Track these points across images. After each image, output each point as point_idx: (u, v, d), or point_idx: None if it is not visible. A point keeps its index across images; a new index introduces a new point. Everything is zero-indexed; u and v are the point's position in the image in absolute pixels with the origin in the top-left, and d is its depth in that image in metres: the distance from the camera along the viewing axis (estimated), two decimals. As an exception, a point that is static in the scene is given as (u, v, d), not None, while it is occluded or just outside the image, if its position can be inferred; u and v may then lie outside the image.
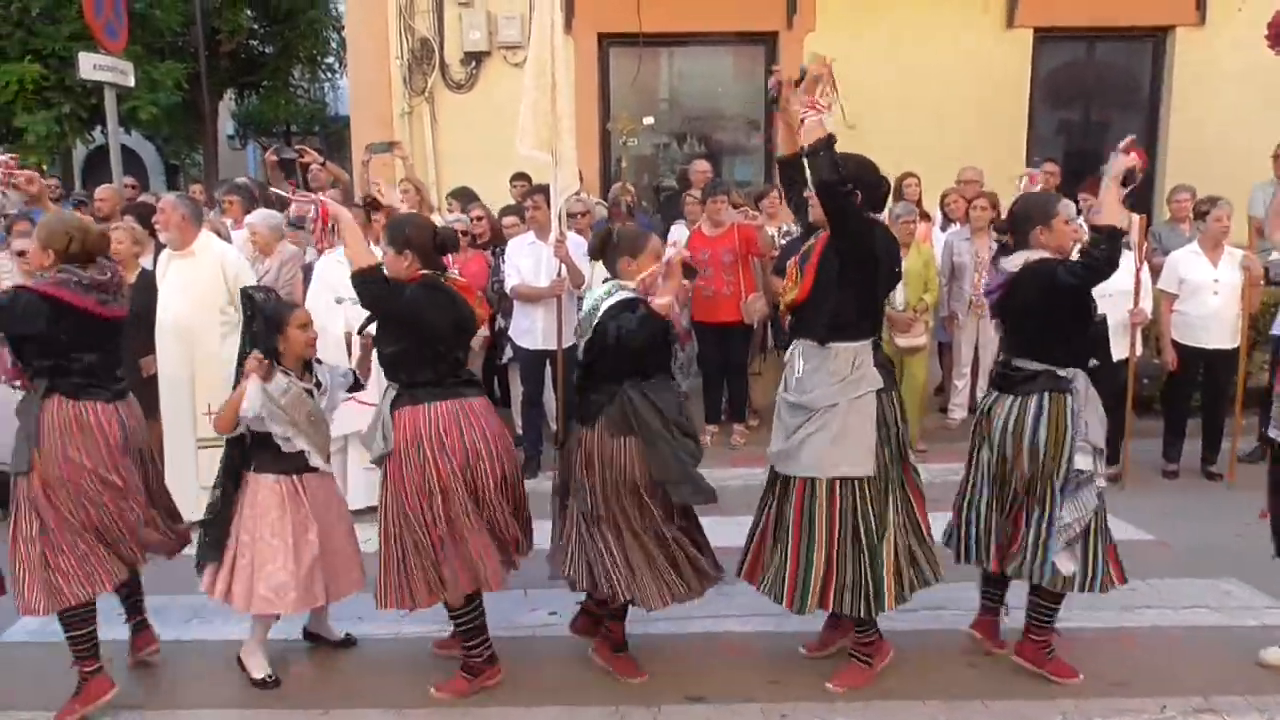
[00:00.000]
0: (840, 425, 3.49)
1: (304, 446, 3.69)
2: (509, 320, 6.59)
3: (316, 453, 3.75)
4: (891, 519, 3.55)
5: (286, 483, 3.71)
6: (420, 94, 9.24)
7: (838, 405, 3.49)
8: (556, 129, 5.74)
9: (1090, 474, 3.57)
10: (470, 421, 3.58)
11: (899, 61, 9.04)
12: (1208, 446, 6.34)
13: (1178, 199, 7.18)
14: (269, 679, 3.82)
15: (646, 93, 9.66)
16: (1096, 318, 3.71)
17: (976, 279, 6.93)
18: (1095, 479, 3.60)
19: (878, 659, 3.74)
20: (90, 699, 3.59)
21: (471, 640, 3.73)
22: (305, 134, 19.11)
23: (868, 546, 3.50)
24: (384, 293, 3.51)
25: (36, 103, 11.82)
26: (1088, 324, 3.65)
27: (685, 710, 3.61)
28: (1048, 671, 3.76)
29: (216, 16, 14.57)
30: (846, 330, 3.53)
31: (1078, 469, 3.55)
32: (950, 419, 7.27)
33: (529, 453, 6.47)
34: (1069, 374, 3.58)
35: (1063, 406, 3.55)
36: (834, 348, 3.53)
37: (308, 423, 3.68)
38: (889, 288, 3.82)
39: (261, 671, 3.83)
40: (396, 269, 3.59)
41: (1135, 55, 9.71)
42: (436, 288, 3.60)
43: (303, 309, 3.76)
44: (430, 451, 3.52)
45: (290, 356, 3.69)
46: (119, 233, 5.46)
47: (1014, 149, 9.20)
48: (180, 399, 5.42)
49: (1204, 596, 4.47)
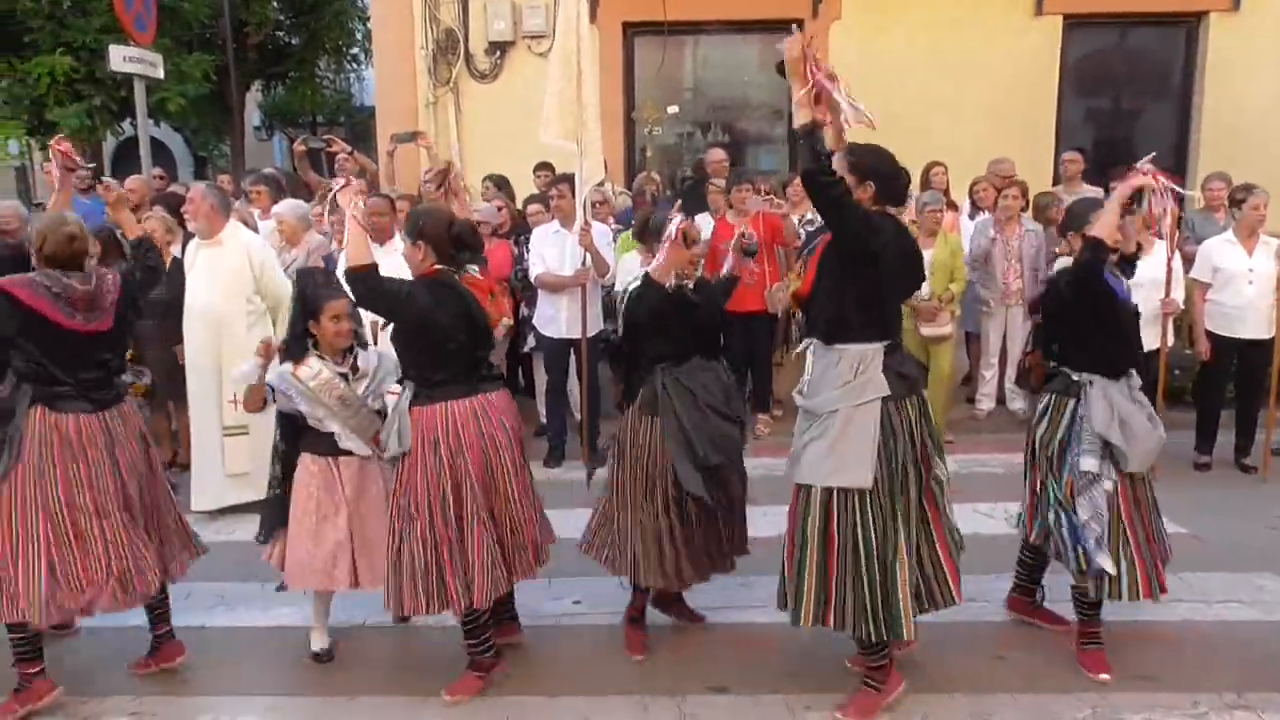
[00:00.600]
0: (839, 432, 3.29)
1: (335, 429, 3.73)
2: (533, 309, 6.59)
3: (350, 436, 3.76)
4: (901, 537, 3.30)
5: (322, 463, 3.79)
6: (445, 84, 9.25)
7: (839, 411, 3.30)
8: (581, 118, 5.73)
9: (1095, 475, 3.58)
10: (488, 414, 3.57)
11: (926, 49, 8.93)
12: (1241, 438, 6.24)
13: (1212, 187, 7.06)
14: (320, 654, 3.93)
15: (671, 82, 9.61)
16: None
17: (1005, 268, 6.88)
18: (1102, 481, 3.58)
19: (889, 687, 3.50)
20: (30, 699, 3.55)
21: (474, 638, 3.67)
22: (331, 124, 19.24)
23: (872, 565, 3.27)
24: (370, 289, 3.46)
25: (68, 95, 11.95)
26: (1108, 332, 3.65)
27: (709, 701, 3.60)
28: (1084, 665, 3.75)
29: (244, 8, 14.66)
30: (850, 331, 3.33)
31: (1083, 470, 3.59)
32: (978, 409, 7.20)
33: (553, 442, 6.48)
34: (1082, 378, 3.65)
35: (1063, 409, 3.68)
36: (839, 349, 3.34)
37: (340, 405, 3.71)
38: (905, 288, 3.58)
39: (316, 645, 3.96)
40: (413, 260, 3.60)
41: (1167, 42, 9.53)
42: (444, 285, 3.55)
43: (343, 300, 3.70)
44: (446, 453, 3.48)
45: (324, 343, 3.73)
46: (152, 221, 5.51)
47: (1043, 138, 9.08)
48: (207, 387, 5.47)
49: (1237, 591, 4.40)
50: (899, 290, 3.49)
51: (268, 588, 4.52)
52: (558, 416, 6.57)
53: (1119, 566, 3.58)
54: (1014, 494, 4.22)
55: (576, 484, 6.03)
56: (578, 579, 4.49)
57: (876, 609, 3.29)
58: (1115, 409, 3.58)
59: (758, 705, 3.56)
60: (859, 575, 3.28)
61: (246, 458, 5.46)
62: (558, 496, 5.65)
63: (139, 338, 6.04)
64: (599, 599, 4.34)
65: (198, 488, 5.55)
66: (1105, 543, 3.57)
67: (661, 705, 3.57)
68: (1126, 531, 3.60)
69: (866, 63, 8.26)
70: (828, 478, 3.30)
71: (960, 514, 5.31)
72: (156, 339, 5.96)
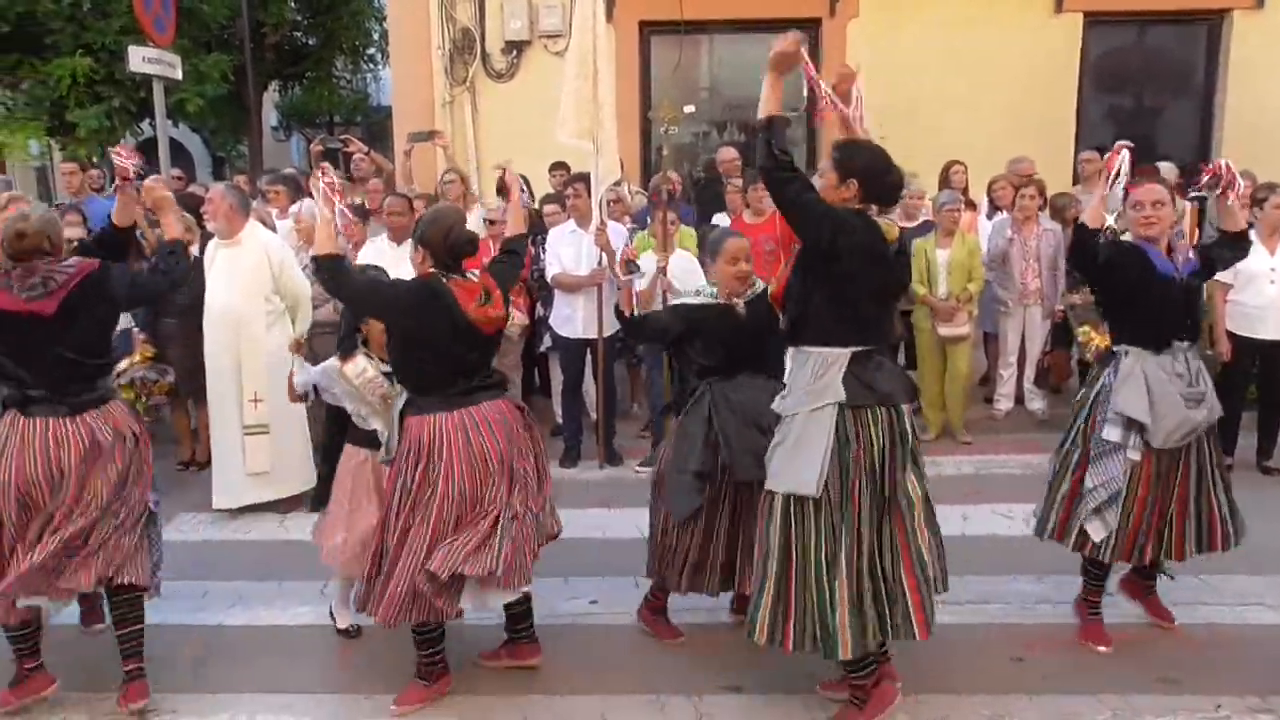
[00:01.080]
0: (795, 438, 3.18)
1: (376, 426, 3.81)
2: (549, 309, 6.60)
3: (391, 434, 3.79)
4: (843, 551, 3.13)
5: (361, 455, 3.91)
6: (461, 84, 9.27)
7: (797, 416, 3.20)
8: (598, 117, 5.73)
9: (1115, 445, 3.71)
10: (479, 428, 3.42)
11: (944, 47, 8.89)
12: (1263, 440, 6.18)
13: (1234, 186, 6.99)
14: (349, 630, 4.07)
15: (687, 81, 9.60)
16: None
17: (1024, 268, 6.84)
18: (1123, 451, 3.70)
19: (874, 705, 3.31)
20: (26, 693, 3.58)
21: (425, 649, 3.58)
22: (348, 124, 19.29)
23: (818, 577, 3.13)
24: (333, 277, 3.47)
25: (88, 97, 12.04)
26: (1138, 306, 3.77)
27: (725, 700, 3.59)
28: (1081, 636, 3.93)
29: (261, 9, 14.72)
30: (815, 333, 3.21)
31: (1104, 438, 3.73)
32: (996, 409, 7.16)
33: (568, 442, 6.48)
34: (1120, 350, 3.82)
35: (1099, 378, 3.86)
36: (806, 351, 3.23)
37: (381, 404, 3.79)
38: (881, 291, 3.28)
39: (342, 623, 4.09)
40: (414, 262, 3.57)
41: (1189, 40, 9.46)
42: (428, 288, 3.43)
43: None
44: (425, 466, 3.37)
45: (373, 342, 3.81)
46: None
47: (1062, 136, 9.03)
48: (227, 386, 5.50)
49: (1260, 593, 4.36)
50: (872, 293, 3.22)
51: (285, 586, 4.56)
52: (573, 417, 6.57)
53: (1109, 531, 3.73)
54: (1032, 495, 4.19)
55: (591, 484, 6.06)
56: (594, 579, 4.49)
57: (815, 625, 3.15)
58: (1146, 381, 3.66)
59: (773, 704, 3.55)
60: (807, 586, 3.15)
61: (266, 457, 5.48)
62: (572, 496, 5.67)
63: (160, 336, 6.11)
64: (615, 599, 4.34)
65: (218, 486, 5.57)
66: (1106, 509, 3.71)
67: (677, 704, 3.56)
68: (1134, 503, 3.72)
69: (883, 61, 8.22)
70: (780, 483, 3.20)
71: (977, 514, 5.35)
72: (178, 338, 6.00)
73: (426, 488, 3.38)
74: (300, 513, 5.51)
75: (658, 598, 4.04)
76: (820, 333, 3.20)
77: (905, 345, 7.13)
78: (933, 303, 6.58)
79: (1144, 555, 3.82)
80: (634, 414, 7.31)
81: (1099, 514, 3.74)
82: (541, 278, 6.60)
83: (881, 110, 3.44)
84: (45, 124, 12.67)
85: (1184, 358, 3.76)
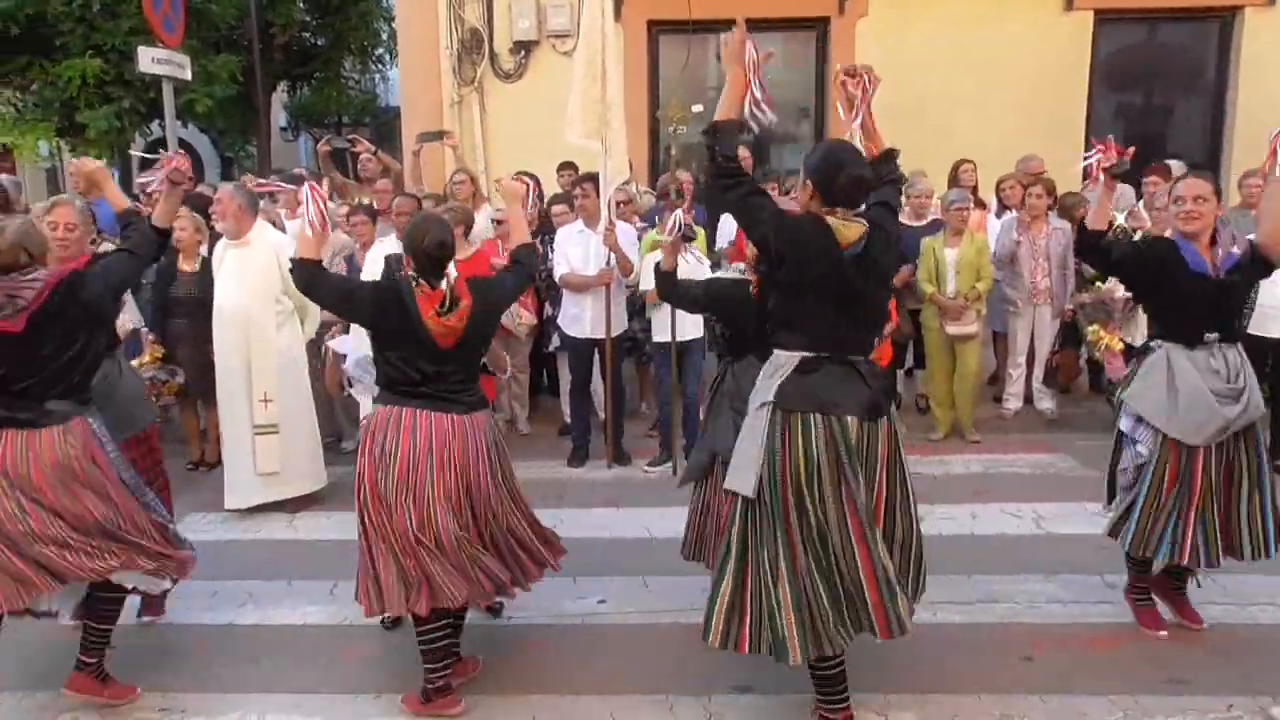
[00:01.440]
0: (741, 438, 3.20)
1: None
2: (557, 308, 6.60)
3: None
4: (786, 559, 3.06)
5: None
6: (470, 83, 9.28)
7: (747, 415, 3.22)
8: (606, 117, 5.73)
9: (1126, 436, 3.83)
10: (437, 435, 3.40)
11: (954, 45, 8.86)
12: (1277, 440, 6.14)
13: (1248, 184, 6.96)
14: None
15: (696, 80, 9.59)
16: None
17: (1033, 267, 6.82)
18: (1132, 445, 3.80)
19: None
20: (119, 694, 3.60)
21: (428, 661, 3.52)
22: (356, 125, 19.30)
23: (765, 581, 3.09)
24: (309, 280, 3.51)
25: (97, 98, 12.08)
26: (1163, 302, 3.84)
27: (735, 700, 3.58)
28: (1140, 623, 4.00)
29: (270, 10, 14.76)
30: (774, 336, 3.22)
31: (1120, 429, 3.87)
32: (1005, 409, 7.14)
33: (576, 442, 6.48)
34: (1153, 343, 3.87)
35: (1134, 369, 3.91)
36: (773, 352, 3.21)
37: None
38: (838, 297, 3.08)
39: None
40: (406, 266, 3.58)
41: (1201, 37, 9.41)
42: (391, 290, 3.45)
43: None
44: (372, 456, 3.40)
45: None
46: (182, 220, 5.56)
47: (1072, 134, 8.97)
48: (236, 386, 5.51)
49: (1272, 594, 4.32)
50: (823, 299, 3.08)
51: (295, 585, 4.57)
52: (582, 417, 6.57)
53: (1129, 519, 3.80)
54: (1040, 494, 4.18)
55: (599, 483, 6.06)
56: (602, 578, 4.49)
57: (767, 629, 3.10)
58: (1170, 376, 3.70)
59: (783, 704, 3.54)
60: (763, 589, 3.10)
61: (277, 457, 5.49)
62: (580, 496, 5.68)
63: (169, 337, 6.13)
64: (623, 599, 4.34)
65: (229, 486, 5.59)
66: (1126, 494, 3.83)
67: (687, 705, 3.56)
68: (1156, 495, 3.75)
69: (892, 59, 8.16)
70: (730, 481, 3.18)
71: (986, 514, 5.33)
72: (188, 338, 6.02)
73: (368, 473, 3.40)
74: (310, 512, 5.54)
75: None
76: (776, 335, 3.22)
77: (914, 344, 7.13)
78: (941, 301, 6.56)
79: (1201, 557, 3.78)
80: (642, 413, 7.31)
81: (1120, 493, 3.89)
82: (549, 277, 6.61)
83: (890, 109, 3.41)
84: (55, 125, 12.72)
85: (1221, 353, 3.74)
